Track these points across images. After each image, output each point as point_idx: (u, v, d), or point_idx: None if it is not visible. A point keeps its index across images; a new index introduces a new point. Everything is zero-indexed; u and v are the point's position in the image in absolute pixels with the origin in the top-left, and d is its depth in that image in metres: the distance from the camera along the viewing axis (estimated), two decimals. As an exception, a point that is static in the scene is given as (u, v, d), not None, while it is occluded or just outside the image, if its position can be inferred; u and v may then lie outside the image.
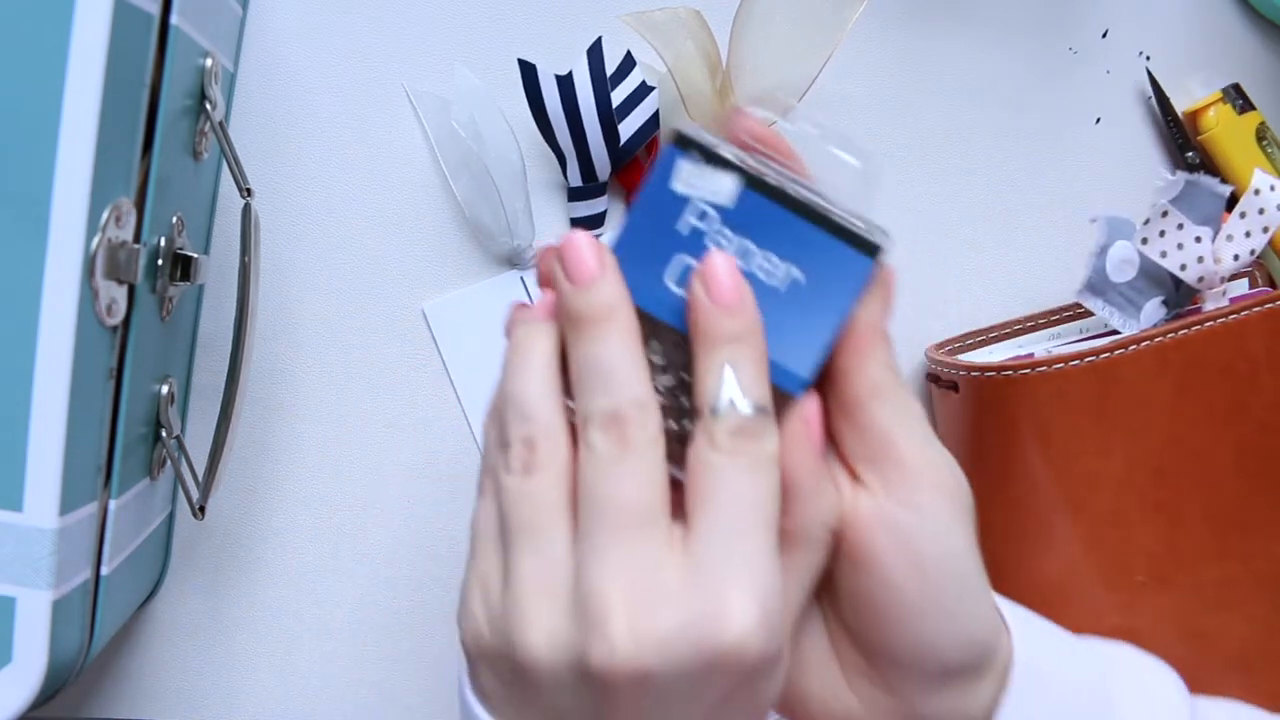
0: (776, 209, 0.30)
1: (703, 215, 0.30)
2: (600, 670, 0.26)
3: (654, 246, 0.30)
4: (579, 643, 0.26)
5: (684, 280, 0.30)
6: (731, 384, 0.28)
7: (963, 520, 0.31)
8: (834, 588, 0.32)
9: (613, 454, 0.27)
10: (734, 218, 0.30)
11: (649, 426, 0.28)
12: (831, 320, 0.30)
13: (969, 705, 0.32)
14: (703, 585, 0.26)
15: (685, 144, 0.30)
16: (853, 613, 0.32)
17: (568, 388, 0.30)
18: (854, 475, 0.31)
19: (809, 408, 0.30)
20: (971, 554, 0.31)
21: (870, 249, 0.30)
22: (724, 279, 0.29)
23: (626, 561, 0.26)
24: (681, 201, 0.30)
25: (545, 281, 0.31)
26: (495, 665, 0.29)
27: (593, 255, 0.29)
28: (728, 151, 0.30)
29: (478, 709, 0.30)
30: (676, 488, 0.29)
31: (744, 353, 0.29)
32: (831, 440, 0.32)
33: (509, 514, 0.28)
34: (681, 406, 0.30)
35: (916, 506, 0.30)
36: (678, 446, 0.29)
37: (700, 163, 0.30)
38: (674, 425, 0.30)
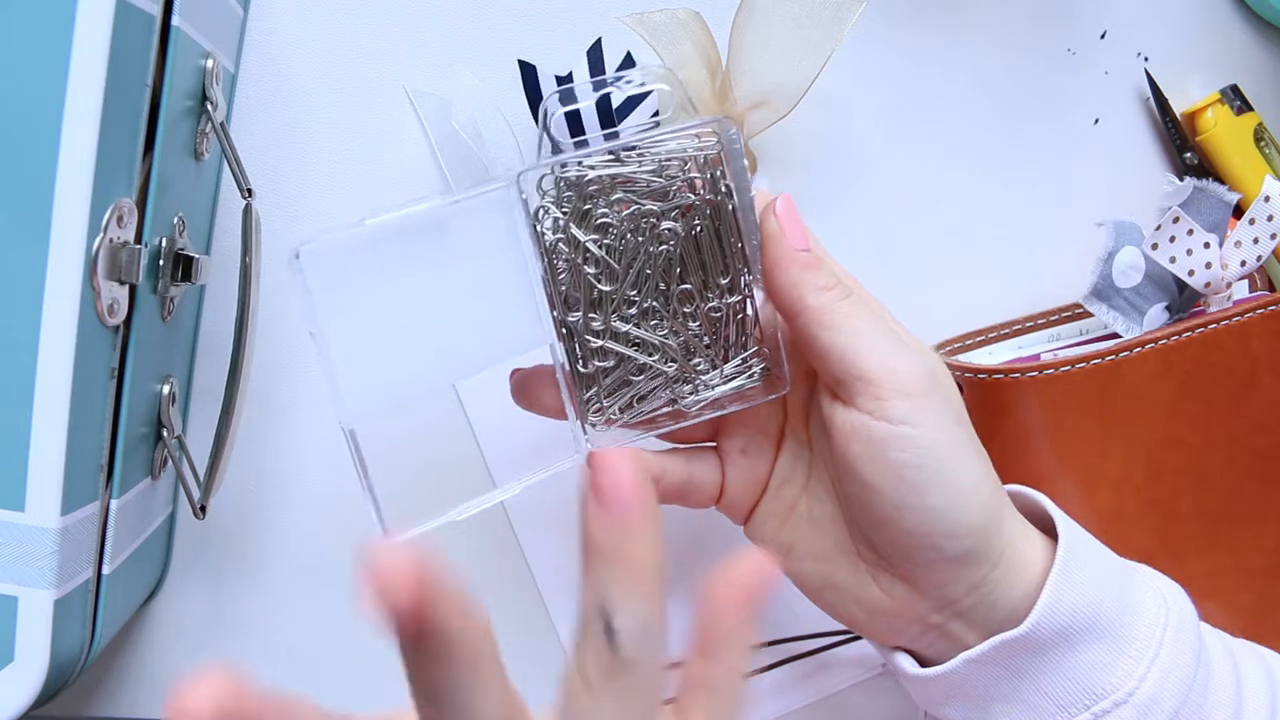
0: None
1: None
2: None
3: None
4: None
5: None
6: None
7: (935, 418, 0.33)
8: (843, 492, 0.35)
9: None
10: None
11: None
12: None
13: (991, 591, 0.34)
14: None
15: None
16: (855, 513, 0.35)
17: None
18: (832, 392, 0.34)
19: (761, 567, 0.25)
20: (949, 449, 0.33)
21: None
22: (613, 477, 0.22)
23: None
24: None
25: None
26: None
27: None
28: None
29: None
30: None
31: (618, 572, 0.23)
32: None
33: None
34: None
35: (885, 416, 0.32)
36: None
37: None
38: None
